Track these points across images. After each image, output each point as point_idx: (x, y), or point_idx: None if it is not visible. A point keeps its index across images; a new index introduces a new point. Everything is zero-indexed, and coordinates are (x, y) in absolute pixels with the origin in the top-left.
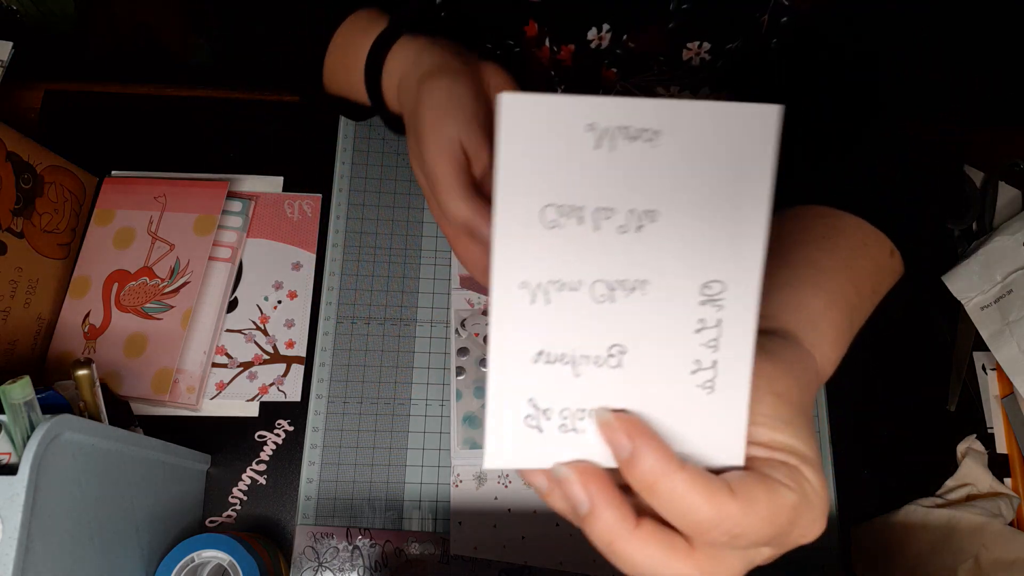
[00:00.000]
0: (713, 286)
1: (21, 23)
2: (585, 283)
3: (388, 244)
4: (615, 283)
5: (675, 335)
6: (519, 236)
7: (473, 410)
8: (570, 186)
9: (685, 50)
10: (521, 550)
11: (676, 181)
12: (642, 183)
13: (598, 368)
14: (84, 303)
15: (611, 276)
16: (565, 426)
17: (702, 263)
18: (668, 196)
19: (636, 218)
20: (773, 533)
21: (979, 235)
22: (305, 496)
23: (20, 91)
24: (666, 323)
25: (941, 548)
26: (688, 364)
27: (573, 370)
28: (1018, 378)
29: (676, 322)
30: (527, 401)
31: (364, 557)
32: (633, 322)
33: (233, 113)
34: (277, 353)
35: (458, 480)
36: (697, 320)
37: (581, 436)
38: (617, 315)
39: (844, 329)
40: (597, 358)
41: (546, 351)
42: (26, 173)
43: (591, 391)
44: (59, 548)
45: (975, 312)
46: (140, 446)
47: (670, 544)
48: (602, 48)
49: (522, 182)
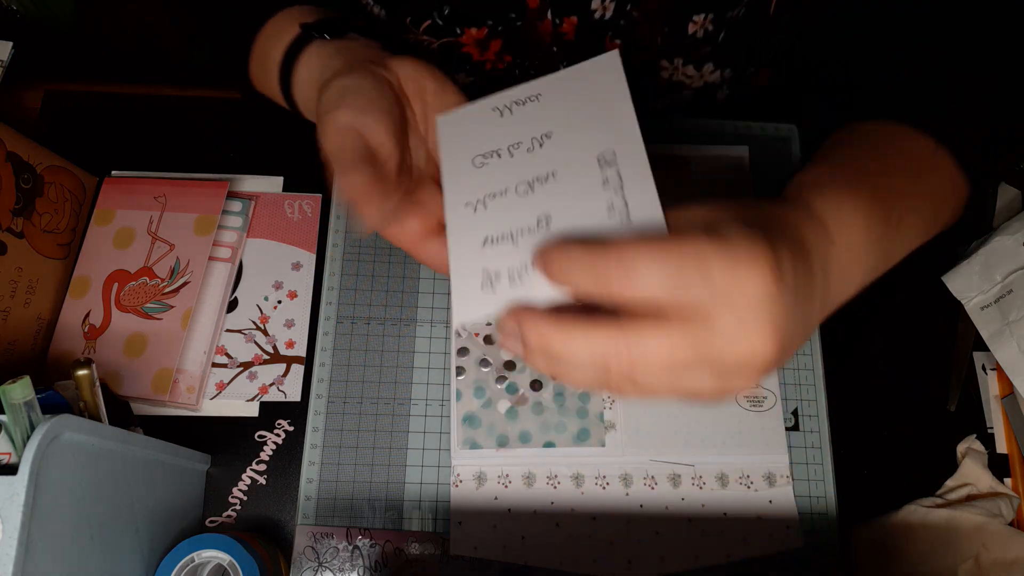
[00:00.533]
0: (606, 154)
1: (21, 23)
2: (510, 188)
3: (388, 244)
4: (532, 180)
5: (587, 195)
6: (458, 177)
7: (473, 410)
8: (488, 142)
9: (691, 23)
10: (521, 550)
11: (561, 112)
12: (537, 122)
13: (532, 234)
14: (84, 303)
15: (528, 177)
16: (513, 280)
17: (592, 145)
18: (558, 121)
19: (538, 141)
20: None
21: (979, 235)
22: (305, 496)
23: (20, 91)
24: (578, 191)
25: (941, 548)
26: (603, 208)
27: (512, 242)
28: (1018, 378)
29: (585, 188)
30: (481, 271)
31: (364, 557)
32: (552, 198)
33: (233, 113)
34: (277, 353)
35: (458, 480)
36: (601, 179)
37: (526, 283)
38: (539, 198)
39: (872, 212)
40: (530, 228)
41: (490, 236)
42: (26, 173)
43: (530, 250)
44: (59, 548)
45: (975, 312)
46: (140, 446)
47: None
48: (606, 18)
49: (456, 150)
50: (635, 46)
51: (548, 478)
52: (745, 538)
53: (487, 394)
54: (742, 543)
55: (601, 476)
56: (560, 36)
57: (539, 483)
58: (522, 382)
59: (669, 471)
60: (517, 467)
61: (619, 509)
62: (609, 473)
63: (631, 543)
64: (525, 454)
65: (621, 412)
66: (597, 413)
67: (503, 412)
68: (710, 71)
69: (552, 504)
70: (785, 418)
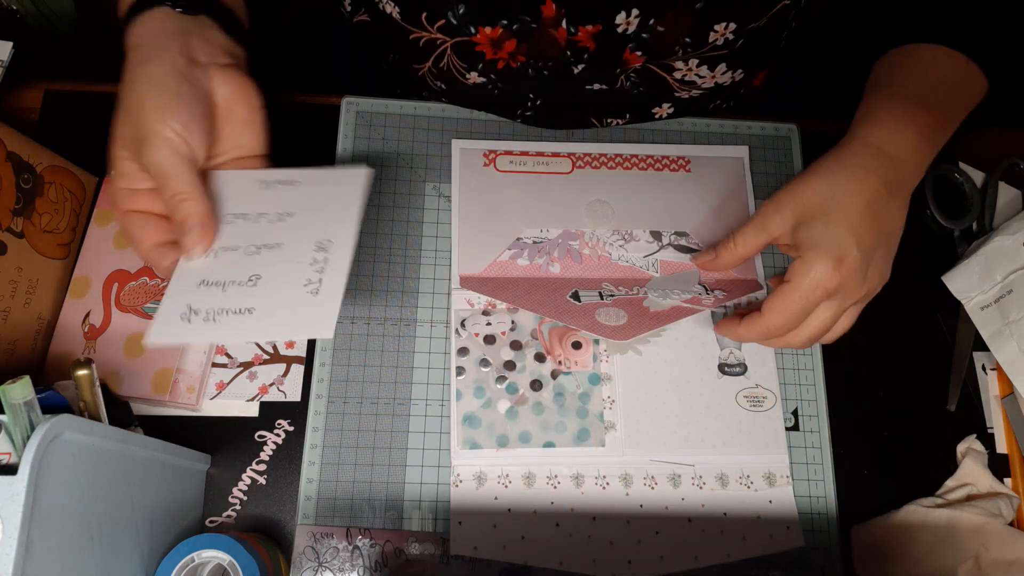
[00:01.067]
0: (323, 242)
1: (21, 23)
2: (242, 247)
3: (388, 244)
4: (261, 245)
5: (295, 268)
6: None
7: (473, 410)
8: (243, 205)
9: (712, 32)
10: (521, 550)
11: (308, 200)
12: (287, 202)
13: (240, 287)
14: (84, 303)
15: (259, 242)
16: (208, 319)
17: (317, 233)
18: (302, 206)
19: (280, 216)
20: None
21: (979, 235)
22: (305, 496)
23: (20, 91)
24: (291, 263)
25: (941, 548)
26: (302, 281)
27: (222, 289)
28: (1018, 378)
29: (297, 262)
30: (186, 305)
31: (364, 557)
32: (269, 264)
33: None
34: (277, 353)
35: (458, 480)
36: (311, 260)
37: (216, 324)
38: (260, 260)
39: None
40: (241, 282)
41: (207, 280)
42: (26, 173)
43: (232, 299)
44: (59, 548)
45: (975, 312)
46: (140, 446)
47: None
48: (629, 33)
49: (217, 203)
50: (655, 55)
51: (548, 478)
52: (745, 538)
53: (487, 394)
54: (742, 543)
55: (601, 476)
56: (574, 43)
57: (539, 483)
58: (522, 382)
59: (669, 471)
60: (517, 467)
61: (619, 509)
62: (609, 473)
63: (631, 543)
64: (525, 454)
65: (621, 412)
66: (597, 413)
67: (503, 412)
68: (722, 71)
69: (552, 504)
70: (785, 418)
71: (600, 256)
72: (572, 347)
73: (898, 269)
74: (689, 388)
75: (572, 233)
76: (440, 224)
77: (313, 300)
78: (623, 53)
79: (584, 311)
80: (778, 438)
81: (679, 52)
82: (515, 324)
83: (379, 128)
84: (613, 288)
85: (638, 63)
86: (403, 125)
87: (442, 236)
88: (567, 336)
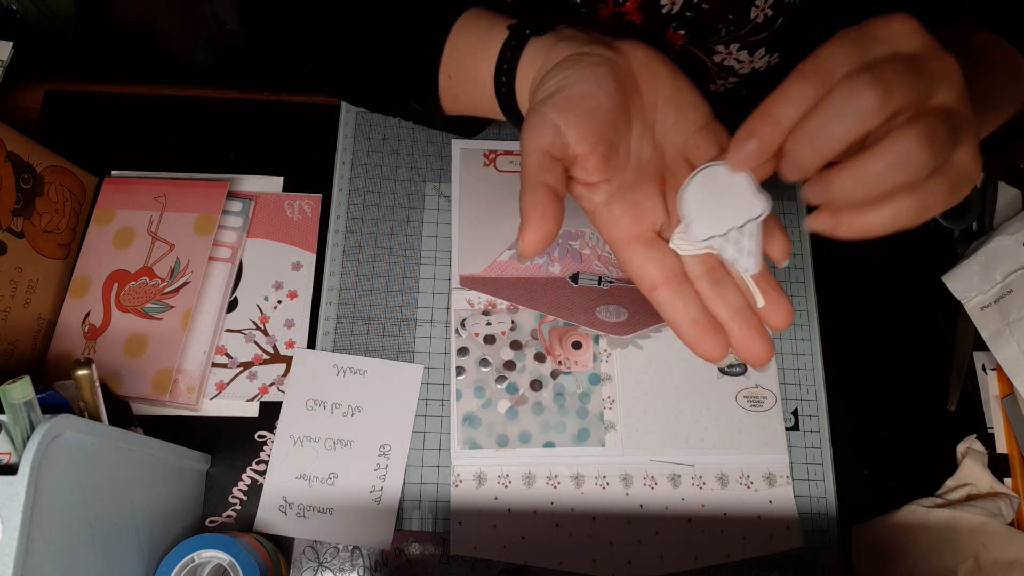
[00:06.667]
0: (385, 448)
1: (21, 23)
2: (321, 439)
3: (388, 244)
4: (336, 441)
5: (363, 469)
6: (294, 410)
7: (473, 410)
8: (322, 391)
9: (753, 7)
10: (521, 550)
11: (374, 393)
12: (356, 394)
13: (322, 484)
14: (84, 303)
15: (335, 436)
16: (299, 514)
17: (380, 434)
18: (368, 400)
19: (353, 409)
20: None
21: (979, 235)
22: None
23: (20, 91)
24: (360, 464)
25: (941, 548)
26: (368, 488)
27: (308, 485)
28: (1018, 378)
29: (364, 464)
30: (282, 498)
31: (364, 557)
32: (344, 461)
33: (233, 113)
34: (277, 353)
35: (458, 480)
36: (375, 464)
37: (307, 520)
38: (335, 457)
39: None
40: (322, 479)
41: (302, 473)
42: (26, 173)
43: (316, 497)
44: (59, 548)
45: (975, 312)
46: (140, 446)
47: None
48: (673, 12)
49: (299, 386)
50: (698, 36)
51: (548, 478)
52: (745, 538)
53: (487, 394)
54: (742, 543)
55: (601, 476)
56: (620, 16)
57: (539, 483)
58: (522, 382)
59: (669, 471)
60: (517, 467)
61: (619, 509)
62: (609, 473)
63: (631, 543)
64: (525, 454)
65: (621, 412)
66: (597, 413)
67: (503, 412)
68: (760, 56)
69: (552, 504)
70: (785, 418)
71: (600, 256)
72: (572, 347)
73: (898, 269)
74: (689, 388)
75: (572, 233)
76: (440, 224)
77: (376, 509)
78: (666, 32)
79: (585, 308)
80: (778, 438)
81: (722, 31)
82: (515, 324)
83: (379, 128)
84: (611, 275)
85: (680, 42)
86: (403, 125)
87: (442, 236)
88: (567, 336)
